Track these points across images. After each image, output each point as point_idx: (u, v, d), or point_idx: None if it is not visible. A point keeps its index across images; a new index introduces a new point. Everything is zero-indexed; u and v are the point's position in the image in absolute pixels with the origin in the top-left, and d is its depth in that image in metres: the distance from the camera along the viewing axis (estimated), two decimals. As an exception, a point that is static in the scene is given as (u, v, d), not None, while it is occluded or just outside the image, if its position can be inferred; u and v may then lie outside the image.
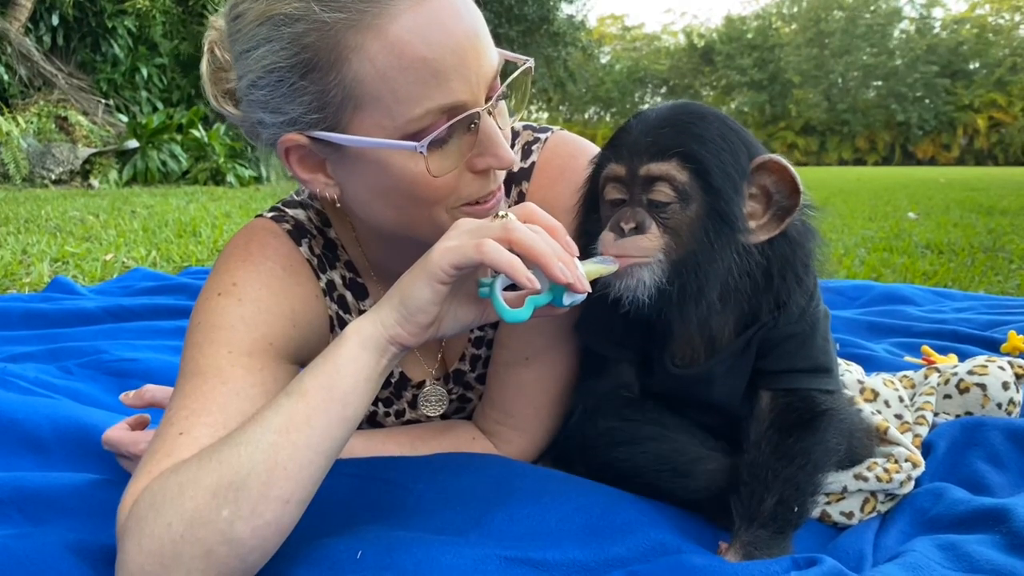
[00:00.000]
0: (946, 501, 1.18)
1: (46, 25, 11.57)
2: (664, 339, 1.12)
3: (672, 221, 1.00)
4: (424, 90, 0.90)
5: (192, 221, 5.84)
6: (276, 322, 1.08)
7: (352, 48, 0.89)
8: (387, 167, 0.96)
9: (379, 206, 1.03)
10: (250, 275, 1.09)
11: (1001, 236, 5.58)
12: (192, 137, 11.86)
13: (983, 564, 1.00)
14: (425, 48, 0.89)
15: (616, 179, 1.04)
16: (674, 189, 0.99)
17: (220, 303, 1.06)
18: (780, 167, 1.01)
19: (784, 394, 1.11)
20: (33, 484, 1.24)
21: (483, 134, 0.96)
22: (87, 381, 1.82)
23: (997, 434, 1.36)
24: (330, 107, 0.93)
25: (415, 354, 1.30)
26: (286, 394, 0.89)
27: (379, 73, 0.89)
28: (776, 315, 1.09)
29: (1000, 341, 2.17)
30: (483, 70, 0.94)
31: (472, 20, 0.94)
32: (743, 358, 1.11)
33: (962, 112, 60.39)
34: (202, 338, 1.04)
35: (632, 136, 1.03)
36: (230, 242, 1.16)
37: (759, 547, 1.06)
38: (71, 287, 2.93)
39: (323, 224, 1.20)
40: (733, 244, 1.01)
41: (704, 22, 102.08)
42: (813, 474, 1.09)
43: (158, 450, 0.93)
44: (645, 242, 1.00)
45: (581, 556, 1.03)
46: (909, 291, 3.08)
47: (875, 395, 1.44)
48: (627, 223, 1.00)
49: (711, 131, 1.01)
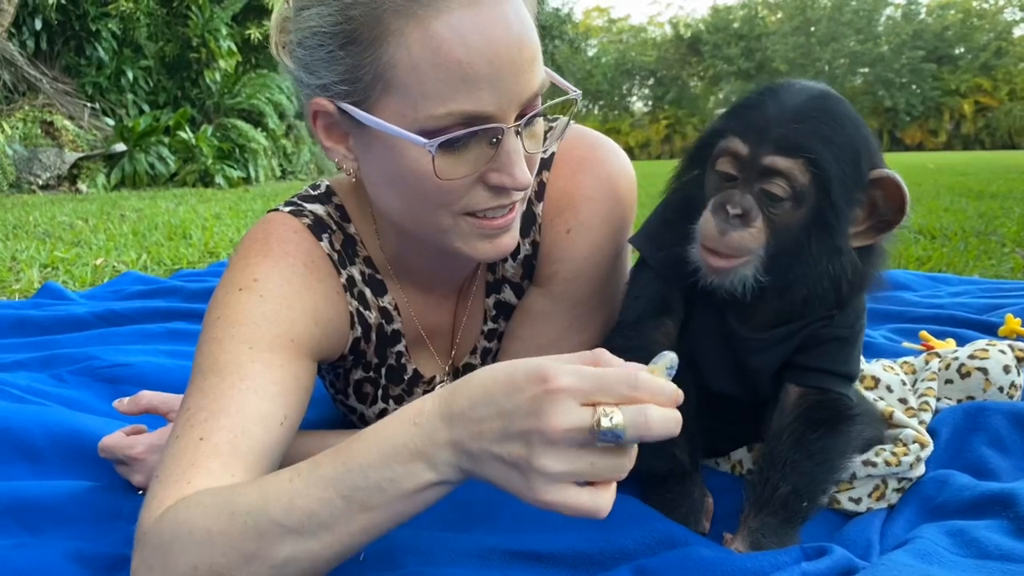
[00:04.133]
0: (952, 487, 1.17)
1: (29, 29, 11.48)
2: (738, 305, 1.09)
3: (780, 218, 0.98)
4: (451, 91, 0.90)
5: (182, 223, 5.80)
6: (298, 319, 1.06)
7: (393, 32, 0.89)
8: (400, 156, 0.95)
9: (389, 193, 1.03)
10: (271, 271, 1.07)
11: (992, 220, 5.60)
12: (179, 139, 11.82)
13: (992, 549, 1.00)
14: (462, 51, 0.88)
15: (734, 155, 1.00)
16: (791, 187, 0.97)
17: (241, 299, 1.04)
18: (896, 185, 0.99)
19: (815, 392, 1.11)
20: (29, 493, 1.23)
21: (503, 151, 0.95)
22: (80, 388, 1.80)
23: (1000, 418, 1.35)
24: (361, 83, 0.93)
25: (429, 350, 1.29)
26: (343, 497, 0.78)
27: (412, 63, 0.89)
28: (832, 315, 1.08)
29: (997, 324, 2.17)
30: (519, 88, 0.93)
31: (520, 36, 0.92)
32: (785, 345, 1.11)
33: (948, 97, 60.67)
34: (222, 334, 1.01)
35: (764, 118, 0.98)
36: (247, 236, 1.14)
37: (766, 534, 1.06)
38: (61, 292, 2.90)
39: (342, 219, 1.19)
40: (831, 250, 1.00)
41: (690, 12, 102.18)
42: (829, 473, 1.09)
43: (182, 457, 0.90)
44: (748, 240, 0.98)
45: (587, 549, 1.03)
46: (904, 277, 3.08)
47: (876, 382, 1.44)
48: (733, 208, 0.98)
49: (843, 137, 0.98)
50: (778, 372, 1.14)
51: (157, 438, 1.25)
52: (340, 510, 0.77)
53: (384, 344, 1.24)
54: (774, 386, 1.15)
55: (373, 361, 1.25)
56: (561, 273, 1.21)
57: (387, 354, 1.25)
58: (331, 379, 1.32)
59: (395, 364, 1.26)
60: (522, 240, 1.22)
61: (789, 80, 1.04)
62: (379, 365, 1.26)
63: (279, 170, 14.17)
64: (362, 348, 1.22)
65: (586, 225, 1.19)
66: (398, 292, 1.23)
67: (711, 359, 1.15)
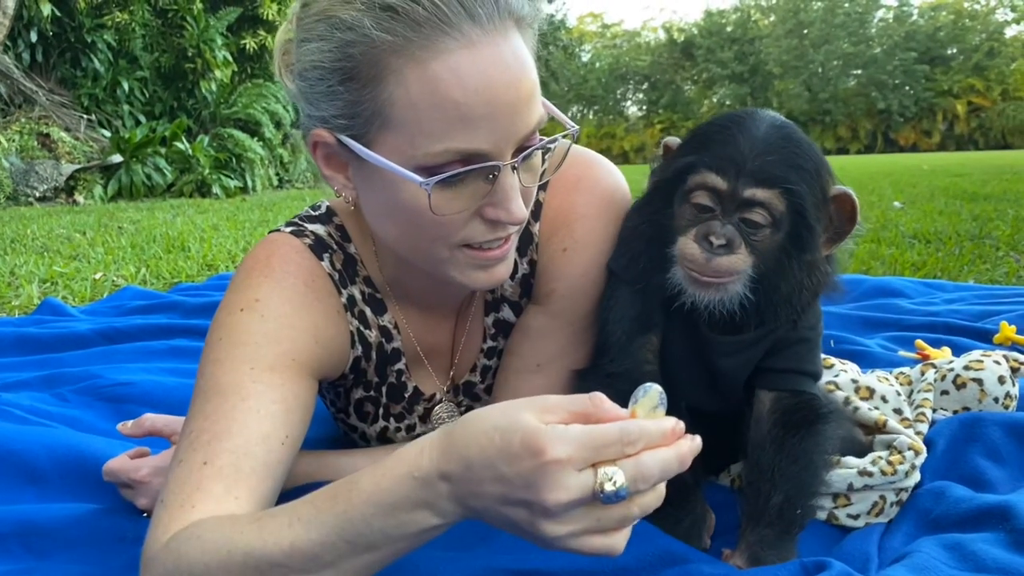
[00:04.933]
0: (948, 500, 1.18)
1: (25, 42, 11.46)
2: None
3: (760, 243, 1.04)
4: (448, 130, 0.91)
5: (180, 235, 5.80)
6: (299, 338, 1.08)
7: (392, 71, 0.91)
8: (398, 191, 0.97)
9: (386, 224, 1.05)
10: (273, 291, 1.09)
11: (987, 223, 5.62)
12: (176, 149, 11.80)
13: (989, 563, 1.01)
14: (459, 92, 0.89)
15: (712, 190, 1.04)
16: (771, 215, 1.03)
17: (242, 319, 1.05)
18: (851, 199, 1.08)
19: (788, 395, 1.14)
20: (34, 517, 1.23)
21: (499, 187, 0.96)
22: (83, 408, 1.80)
23: (996, 429, 1.37)
24: (359, 118, 0.95)
25: (428, 368, 1.30)
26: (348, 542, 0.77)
27: (411, 101, 0.91)
28: (797, 320, 1.14)
29: (992, 332, 2.19)
30: (516, 127, 0.94)
31: (518, 76, 0.93)
32: (755, 349, 1.14)
33: (941, 98, 60.87)
34: (223, 354, 1.03)
35: (739, 153, 1.03)
36: (249, 256, 1.16)
37: (765, 548, 1.07)
38: (62, 308, 2.90)
39: (342, 239, 1.21)
40: (808, 264, 1.08)
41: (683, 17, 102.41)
42: (815, 475, 1.11)
43: (186, 481, 0.92)
44: (737, 262, 1.03)
45: (588, 567, 1.03)
46: (900, 284, 3.09)
47: (871, 392, 1.45)
48: (717, 239, 1.03)
49: (809, 163, 1.05)
50: (748, 381, 1.17)
51: (161, 461, 1.26)
52: (344, 552, 0.78)
53: (384, 362, 1.25)
54: (745, 395, 1.18)
55: (374, 380, 1.26)
56: (559, 291, 1.22)
57: (387, 372, 1.26)
58: (332, 397, 1.33)
59: (396, 382, 1.27)
60: (520, 259, 1.23)
61: (744, 110, 1.11)
62: (379, 384, 1.27)
63: (276, 179, 14.16)
64: (363, 367, 1.24)
65: (581, 243, 1.20)
66: (397, 311, 1.24)
67: (682, 367, 1.17)
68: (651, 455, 0.71)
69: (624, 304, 1.17)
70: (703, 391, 1.18)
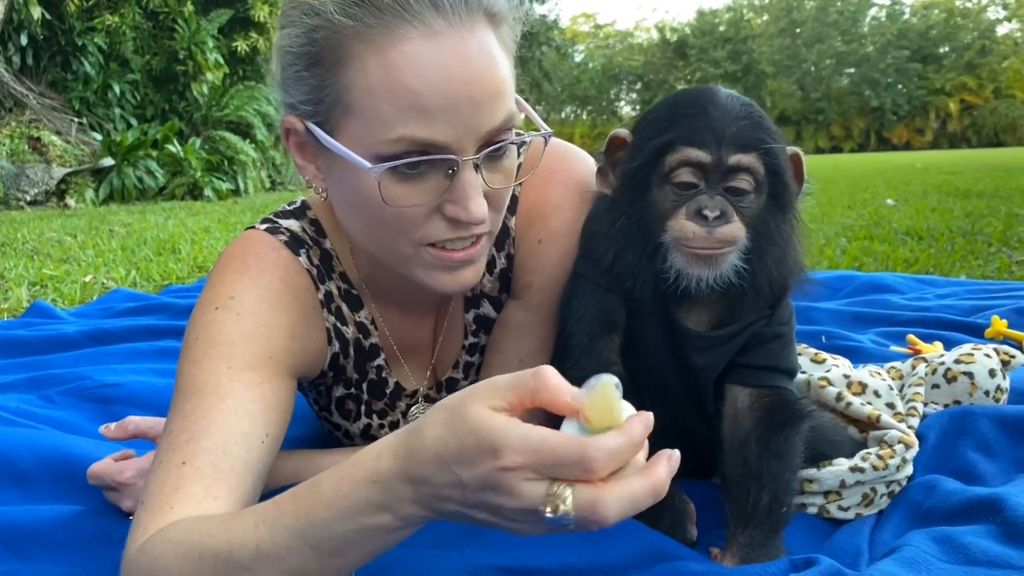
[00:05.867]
0: (939, 493, 1.18)
1: (15, 45, 11.43)
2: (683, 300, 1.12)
3: (747, 209, 1.05)
4: (402, 117, 0.90)
5: (171, 238, 5.78)
6: (275, 335, 1.07)
7: (352, 56, 0.91)
8: (358, 181, 0.96)
9: (351, 217, 1.05)
10: (248, 288, 1.08)
11: (979, 219, 5.63)
12: (168, 152, 11.77)
13: (979, 556, 1.00)
14: (416, 80, 0.89)
15: (696, 164, 1.04)
16: (754, 179, 1.04)
17: (218, 317, 1.04)
18: (800, 158, 1.12)
19: (767, 392, 1.13)
20: (19, 519, 1.22)
21: (458, 183, 0.95)
22: (70, 409, 1.79)
23: (986, 422, 1.36)
24: (323, 104, 0.95)
25: (409, 364, 1.29)
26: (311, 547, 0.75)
27: (369, 88, 0.91)
28: (771, 314, 1.14)
29: (983, 326, 2.18)
30: (477, 122, 0.93)
31: (481, 72, 0.92)
32: (730, 344, 1.13)
33: (934, 96, 61.07)
34: (200, 354, 1.02)
35: (716, 123, 1.03)
36: (224, 254, 1.14)
37: (755, 548, 1.06)
38: (51, 311, 2.89)
39: (317, 234, 1.19)
40: (788, 225, 1.11)
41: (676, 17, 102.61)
42: (796, 472, 1.12)
43: (165, 482, 0.91)
44: (736, 230, 1.03)
45: (578, 563, 1.03)
46: (892, 279, 3.10)
47: (863, 387, 1.44)
48: (711, 211, 1.02)
49: (772, 125, 1.08)
50: (720, 379, 1.16)
51: (145, 463, 1.25)
52: (311, 558, 0.76)
53: (363, 359, 1.24)
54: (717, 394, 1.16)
55: (354, 377, 1.26)
56: (536, 284, 1.22)
57: (367, 369, 1.25)
58: (314, 396, 1.32)
59: (376, 378, 1.27)
60: (497, 254, 1.23)
61: (696, 87, 1.13)
62: (360, 380, 1.26)
63: (268, 181, 14.13)
64: (341, 363, 1.23)
65: (556, 234, 1.20)
66: (374, 308, 1.23)
67: (655, 364, 1.16)
68: (613, 493, 0.65)
69: (585, 304, 1.15)
70: (676, 385, 1.17)
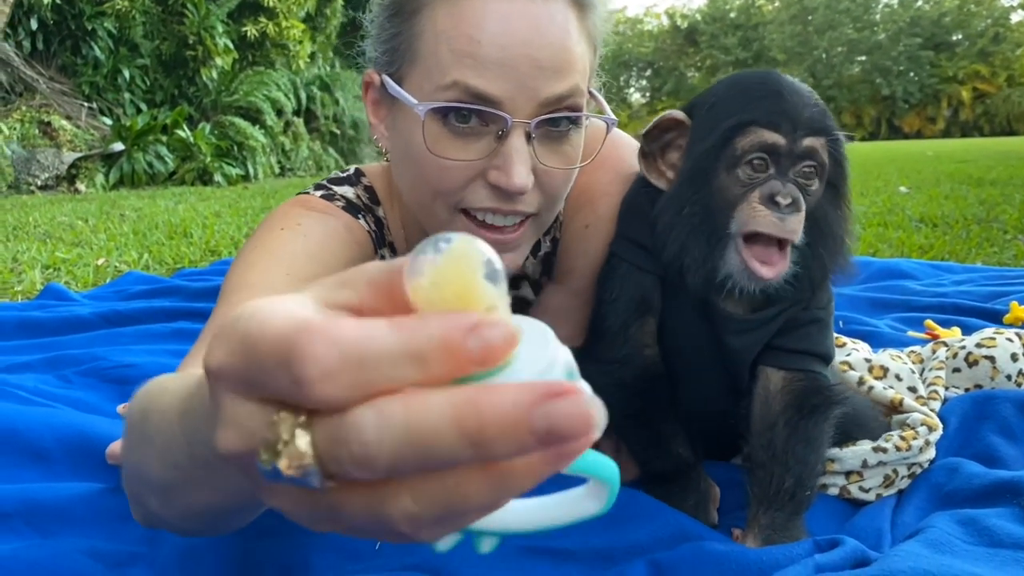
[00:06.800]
0: (962, 475, 1.17)
1: (25, 30, 11.42)
2: None
3: (812, 197, 1.02)
4: (458, 64, 0.91)
5: (182, 222, 5.79)
6: (341, 268, 1.03)
7: (426, 4, 0.93)
8: (411, 133, 0.96)
9: (401, 170, 1.04)
10: (316, 222, 1.04)
11: (993, 207, 5.58)
12: (178, 137, 11.78)
13: (1004, 538, 1.00)
14: (476, 29, 0.90)
15: (770, 149, 0.99)
16: (820, 166, 1.02)
17: (283, 236, 0.99)
18: None
19: (800, 376, 1.10)
20: (39, 495, 1.23)
21: (505, 147, 0.93)
22: (86, 389, 1.79)
23: (1008, 406, 1.35)
24: (396, 53, 0.97)
25: None
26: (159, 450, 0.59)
27: (435, 34, 0.92)
28: (811, 296, 1.10)
29: (1002, 312, 2.17)
30: (535, 84, 0.92)
31: (547, 37, 0.91)
32: (767, 327, 1.11)
33: (946, 84, 60.53)
34: (257, 258, 0.95)
35: (790, 106, 0.99)
36: (277, 210, 1.09)
37: (777, 530, 1.06)
38: (65, 293, 2.89)
39: (371, 201, 1.18)
40: (844, 216, 1.07)
41: (687, 3, 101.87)
42: (822, 457, 1.11)
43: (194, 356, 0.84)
44: (801, 223, 0.99)
45: (602, 544, 1.03)
46: (908, 265, 3.07)
47: (884, 371, 1.43)
48: (784, 198, 0.98)
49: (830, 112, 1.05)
50: (754, 361, 1.13)
51: (162, 444, 1.24)
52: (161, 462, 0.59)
53: None
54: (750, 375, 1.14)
55: None
56: (579, 269, 1.20)
57: None
58: None
59: None
60: (543, 237, 1.22)
61: (757, 70, 1.08)
62: None
63: (278, 167, 14.13)
64: None
65: (603, 219, 1.18)
66: None
67: (688, 345, 1.14)
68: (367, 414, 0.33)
69: (621, 286, 1.14)
70: (710, 369, 1.15)
